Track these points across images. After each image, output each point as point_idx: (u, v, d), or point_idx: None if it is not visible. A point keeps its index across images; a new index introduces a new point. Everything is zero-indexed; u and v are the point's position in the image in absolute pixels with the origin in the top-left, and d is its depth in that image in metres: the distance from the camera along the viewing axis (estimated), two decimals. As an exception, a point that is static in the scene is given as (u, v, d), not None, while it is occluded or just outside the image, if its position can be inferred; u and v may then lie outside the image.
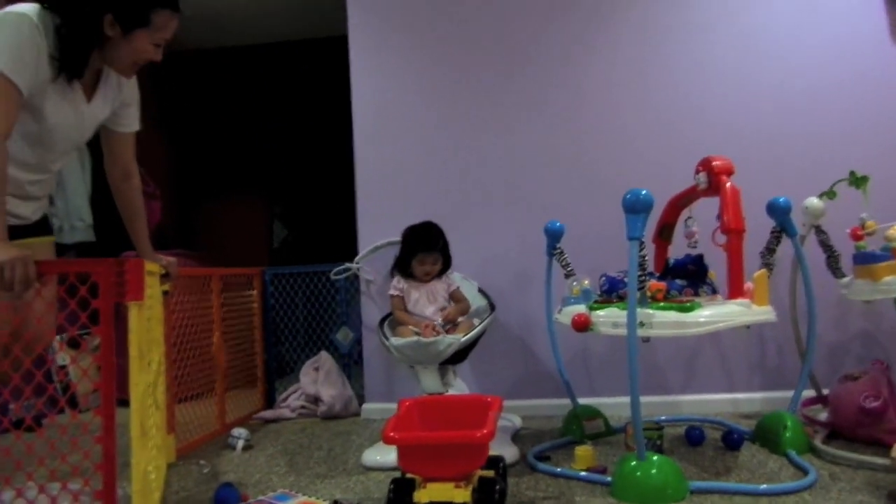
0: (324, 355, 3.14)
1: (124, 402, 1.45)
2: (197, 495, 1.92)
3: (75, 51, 1.60)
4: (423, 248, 2.38)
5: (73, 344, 3.28)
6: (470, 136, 2.92)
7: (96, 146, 3.46)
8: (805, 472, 1.82)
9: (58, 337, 2.85)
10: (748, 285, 1.91)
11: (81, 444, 1.51)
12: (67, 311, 1.54)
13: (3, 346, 1.59)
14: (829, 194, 2.30)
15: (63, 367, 3.21)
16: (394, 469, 1.93)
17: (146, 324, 1.55)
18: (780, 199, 2.03)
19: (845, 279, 2.20)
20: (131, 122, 1.91)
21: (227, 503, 1.76)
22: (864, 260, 2.08)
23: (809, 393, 2.44)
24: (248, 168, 5.08)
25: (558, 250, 2.36)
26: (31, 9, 1.56)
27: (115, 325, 1.43)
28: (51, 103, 1.63)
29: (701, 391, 2.75)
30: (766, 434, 2.15)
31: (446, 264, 2.44)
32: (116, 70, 1.73)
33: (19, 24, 1.52)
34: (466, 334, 2.18)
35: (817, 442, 2.06)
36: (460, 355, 2.22)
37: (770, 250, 2.03)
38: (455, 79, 2.94)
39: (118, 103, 1.84)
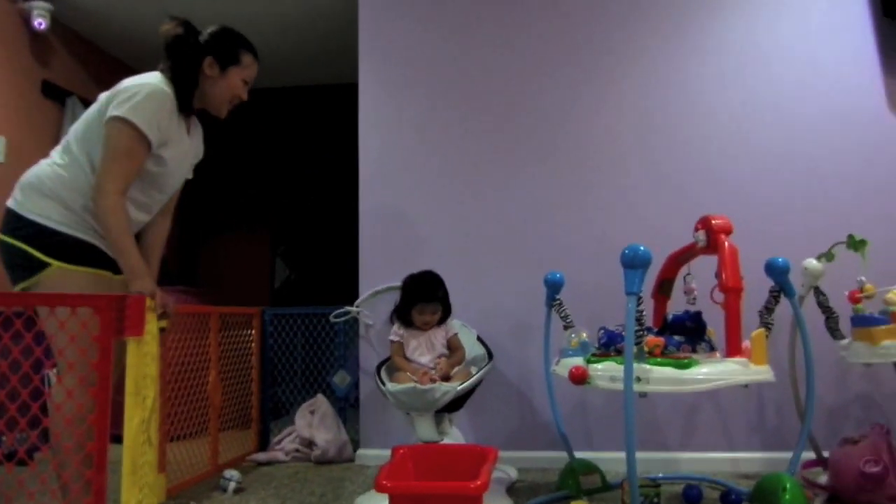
0: (320, 398, 3.12)
1: (117, 439, 1.44)
2: (184, 537, 1.89)
3: (185, 86, 1.89)
4: (423, 298, 2.40)
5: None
6: (473, 186, 2.96)
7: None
8: (803, 536, 1.79)
9: (53, 370, 2.84)
10: (746, 344, 1.91)
11: (72, 480, 1.50)
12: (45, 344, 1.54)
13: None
14: (828, 256, 2.32)
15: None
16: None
17: (143, 359, 1.55)
18: (779, 260, 2.04)
19: (844, 341, 2.20)
20: (190, 171, 2.09)
21: (215, 547, 1.73)
22: (862, 323, 2.08)
23: (809, 455, 2.42)
24: (254, 207, 5.14)
25: (558, 301, 2.37)
26: (157, 75, 1.86)
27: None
28: (171, 148, 1.86)
29: (700, 449, 2.72)
30: (765, 495, 2.11)
31: (446, 313, 2.45)
32: (213, 109, 1.99)
33: (155, 86, 1.80)
34: (463, 383, 2.18)
35: (816, 505, 2.03)
36: (457, 404, 2.22)
37: (768, 310, 2.04)
38: (460, 130, 3.00)
39: (197, 144, 2.07)
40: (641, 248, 1.75)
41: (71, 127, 1.89)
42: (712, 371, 1.79)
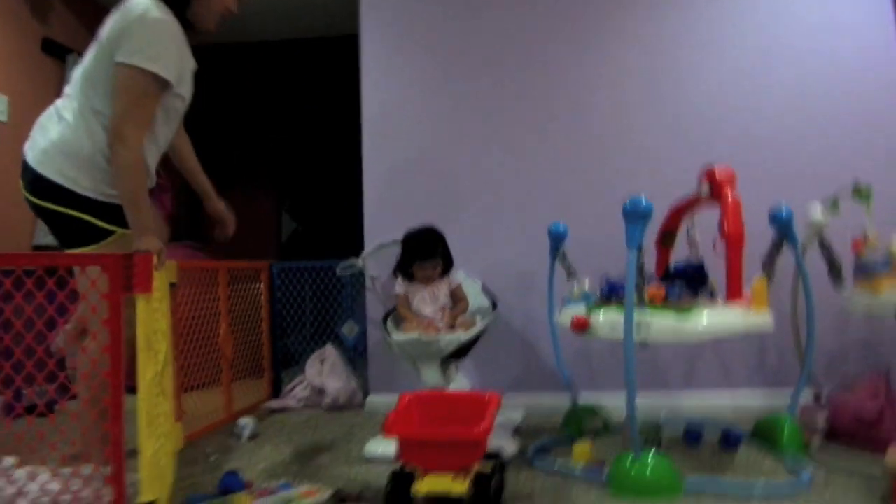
0: (329, 348, 3.19)
1: (133, 390, 1.50)
2: (203, 482, 1.97)
3: (178, 5, 1.79)
4: (423, 256, 2.40)
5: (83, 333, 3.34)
6: (477, 136, 2.94)
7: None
8: (800, 473, 1.85)
9: (66, 327, 2.90)
10: (747, 292, 1.93)
11: (92, 431, 1.57)
12: (78, 302, 1.59)
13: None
14: (832, 206, 2.30)
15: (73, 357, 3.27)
16: (395, 461, 1.98)
17: (153, 314, 1.60)
18: (782, 209, 2.04)
19: (846, 289, 2.21)
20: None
21: (232, 491, 1.81)
22: (865, 272, 2.09)
23: (809, 396, 2.46)
24: (259, 162, 5.14)
25: (561, 252, 2.39)
26: (154, 3, 1.74)
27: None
28: (185, 80, 1.83)
29: (701, 388, 2.77)
30: (764, 435, 2.17)
31: (447, 266, 2.46)
32: (203, 24, 1.90)
33: (164, 27, 1.73)
34: (467, 332, 2.22)
35: (814, 445, 2.08)
36: (461, 352, 2.26)
37: (771, 259, 2.05)
38: (463, 79, 2.96)
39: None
40: (643, 200, 1.76)
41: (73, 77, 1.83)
42: (712, 322, 1.81)
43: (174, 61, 1.76)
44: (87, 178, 1.77)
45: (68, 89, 1.87)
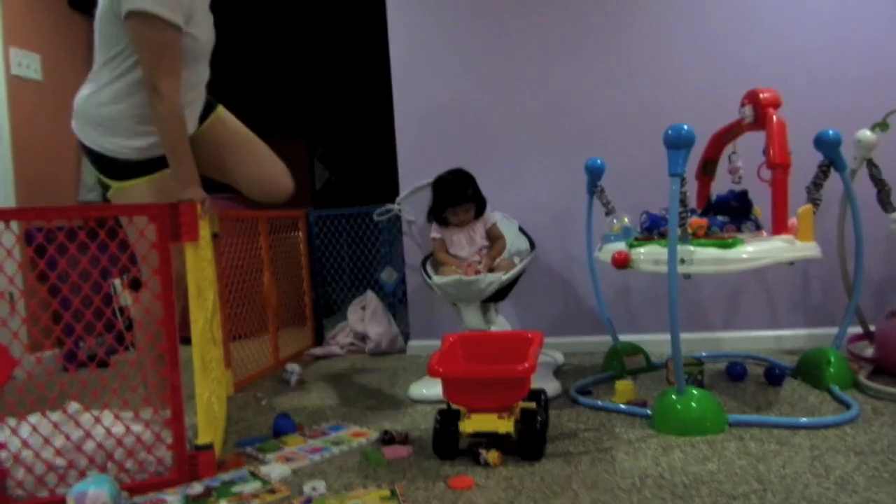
0: (369, 294, 3.24)
1: (183, 341, 1.54)
2: (256, 425, 2.04)
3: None
4: (454, 201, 2.38)
5: (135, 285, 3.44)
6: (509, 73, 2.88)
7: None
8: (847, 406, 1.83)
9: (120, 278, 2.99)
10: (792, 221, 1.88)
11: (150, 377, 1.63)
12: (128, 252, 1.63)
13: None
14: (882, 126, 2.22)
15: (126, 306, 3.38)
16: (439, 402, 2.02)
17: (201, 263, 1.63)
18: (829, 132, 1.97)
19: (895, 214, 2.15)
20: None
21: (285, 432, 1.87)
22: (916, 194, 2.02)
23: (856, 330, 2.43)
24: (289, 111, 5.12)
25: (599, 188, 2.36)
26: None
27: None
28: (195, 19, 1.77)
29: (744, 328, 2.75)
30: (809, 369, 2.15)
31: (480, 208, 2.43)
32: None
33: None
34: (507, 273, 2.22)
35: (862, 377, 2.06)
36: (501, 293, 2.27)
37: (817, 185, 1.99)
38: (494, 15, 2.88)
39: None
40: (685, 126, 1.71)
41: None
42: (757, 250, 1.78)
43: (177, 3, 1.69)
44: (111, 139, 1.81)
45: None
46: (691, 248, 1.79)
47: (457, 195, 2.38)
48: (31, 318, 1.85)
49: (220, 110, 2.07)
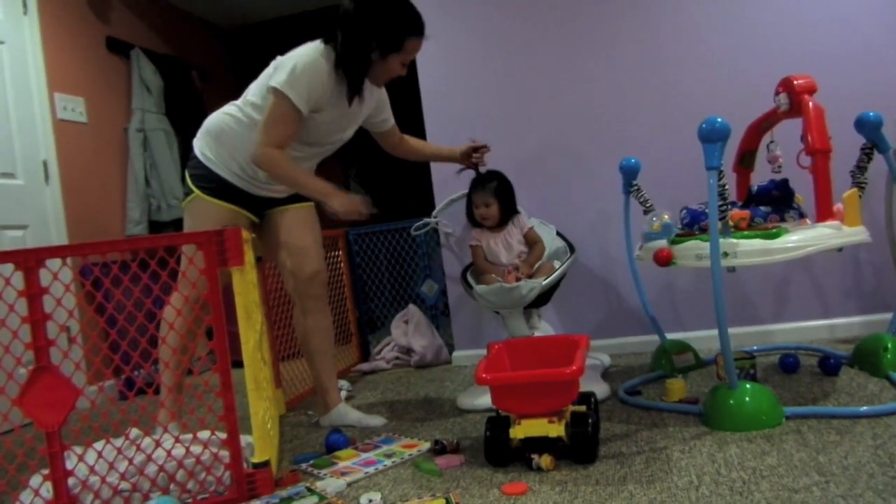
0: (412, 308, 3.26)
1: (234, 364, 1.58)
2: (309, 442, 2.07)
3: (355, 73, 1.99)
4: (475, 189, 2.38)
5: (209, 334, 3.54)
6: (538, 78, 2.89)
7: (181, 129, 3.63)
8: (908, 392, 1.78)
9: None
10: (838, 207, 1.85)
11: (205, 400, 1.68)
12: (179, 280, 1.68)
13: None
14: (926, 103, 2.16)
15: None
16: (487, 411, 2.03)
17: (248, 287, 1.67)
18: (870, 114, 1.93)
19: (946, 192, 2.08)
20: (388, 119, 2.32)
21: (338, 447, 1.90)
22: (966, 170, 1.96)
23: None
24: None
25: (635, 187, 2.34)
26: (319, 46, 1.99)
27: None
28: (325, 113, 2.02)
29: (794, 319, 2.69)
30: (866, 357, 2.10)
31: (507, 208, 2.39)
32: (371, 82, 2.08)
33: (313, 60, 1.95)
34: (547, 278, 2.22)
35: (922, 362, 2.00)
36: (543, 298, 2.27)
37: (861, 168, 1.95)
38: (524, 18, 2.89)
39: (373, 105, 2.20)
40: (719, 119, 1.70)
41: (252, 84, 2.08)
42: (803, 238, 1.75)
43: (306, 95, 1.94)
44: (212, 146, 2.07)
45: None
46: (734, 240, 1.76)
47: (479, 182, 2.38)
48: (91, 349, 1.93)
49: (311, 206, 2.26)
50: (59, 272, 1.52)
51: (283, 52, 2.04)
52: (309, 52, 1.97)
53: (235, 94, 2.13)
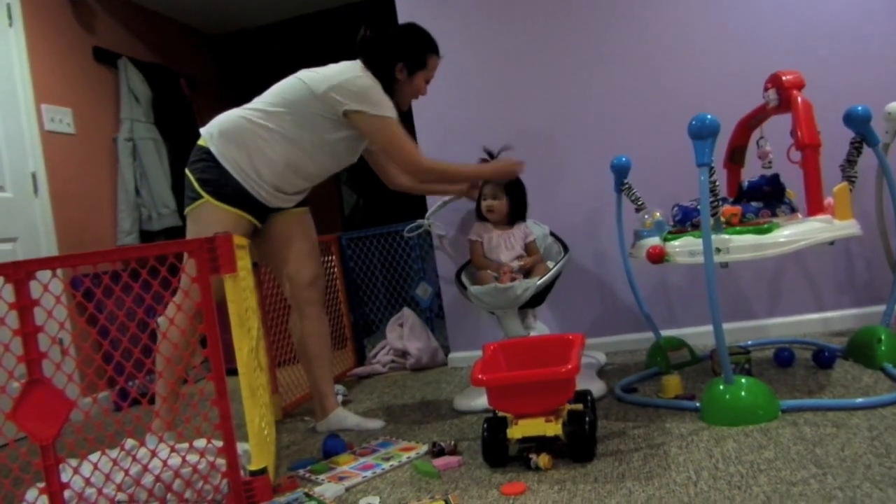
0: (406, 311, 3.26)
1: (230, 372, 1.57)
2: (306, 447, 2.06)
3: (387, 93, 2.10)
4: (487, 180, 2.39)
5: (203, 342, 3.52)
6: (528, 78, 2.89)
7: (171, 138, 3.61)
8: (903, 383, 1.79)
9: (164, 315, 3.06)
10: (828, 200, 1.85)
11: (200, 408, 1.67)
12: (171, 289, 1.67)
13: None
14: (913, 95, 2.18)
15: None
16: (484, 412, 2.03)
17: (242, 293, 1.66)
18: (859, 108, 1.94)
19: (935, 183, 2.09)
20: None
21: (335, 451, 1.89)
22: (954, 161, 1.97)
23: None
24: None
25: (626, 185, 2.35)
26: (361, 65, 2.10)
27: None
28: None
29: (788, 313, 2.70)
30: (860, 349, 2.11)
31: (516, 208, 2.42)
32: (398, 103, 2.17)
33: (372, 80, 2.07)
34: (542, 277, 2.22)
35: (914, 353, 2.00)
36: (538, 298, 2.27)
37: (850, 162, 1.96)
38: (507, 20, 2.90)
39: None
40: (708, 116, 1.71)
41: (274, 93, 2.10)
42: (795, 232, 1.76)
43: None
44: (229, 148, 2.05)
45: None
46: (727, 236, 1.77)
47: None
48: (83, 360, 1.92)
49: (306, 210, 2.29)
50: (50, 283, 1.51)
51: (270, 57, 2.04)
52: (361, 73, 2.07)
53: (224, 100, 2.13)
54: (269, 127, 2.04)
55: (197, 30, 4.67)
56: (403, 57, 2.13)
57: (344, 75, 2.05)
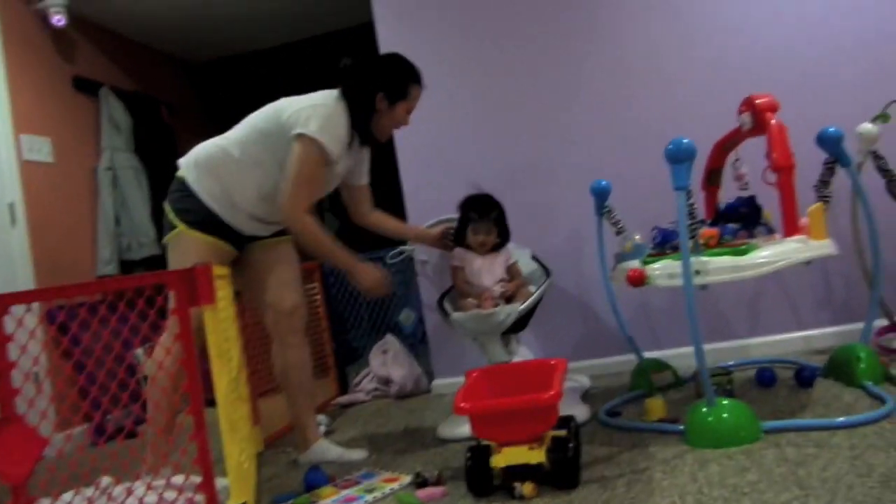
0: (389, 338, 3.24)
1: (211, 403, 1.55)
2: (287, 480, 2.03)
3: (364, 125, 2.08)
4: (476, 215, 2.38)
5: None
6: (508, 105, 2.92)
7: (152, 166, 3.60)
8: (883, 401, 1.80)
9: (142, 347, 3.02)
10: (804, 221, 1.88)
11: (178, 443, 1.64)
12: (149, 321, 1.65)
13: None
14: (883, 117, 2.23)
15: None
16: (469, 439, 2.00)
17: (222, 324, 1.65)
18: (830, 129, 1.98)
19: (908, 202, 2.13)
20: (362, 177, 2.34)
21: (317, 484, 1.86)
22: (925, 180, 2.01)
23: (882, 322, 2.39)
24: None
25: (607, 209, 2.36)
26: (335, 95, 2.07)
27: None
28: (337, 165, 2.06)
29: (769, 333, 2.72)
30: (840, 367, 2.12)
31: (503, 237, 2.43)
32: (378, 134, 2.17)
33: (337, 108, 2.02)
34: (524, 303, 2.22)
35: (894, 370, 2.02)
36: (521, 323, 2.27)
37: (824, 182, 1.99)
38: (487, 47, 2.94)
39: (357, 160, 2.24)
40: (685, 140, 1.73)
41: (248, 121, 2.09)
42: (772, 253, 1.78)
43: (338, 142, 2.02)
44: (204, 179, 2.03)
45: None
46: (705, 258, 1.78)
47: (479, 209, 2.37)
48: (57, 396, 1.88)
49: (289, 238, 2.26)
50: (24, 317, 1.48)
51: (251, 85, 2.04)
52: (330, 101, 2.03)
53: (205, 127, 2.12)
54: (242, 156, 2.03)
55: (178, 58, 4.68)
56: (384, 86, 2.09)
57: (311, 101, 2.03)
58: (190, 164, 2.06)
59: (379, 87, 2.09)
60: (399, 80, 2.12)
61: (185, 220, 2.02)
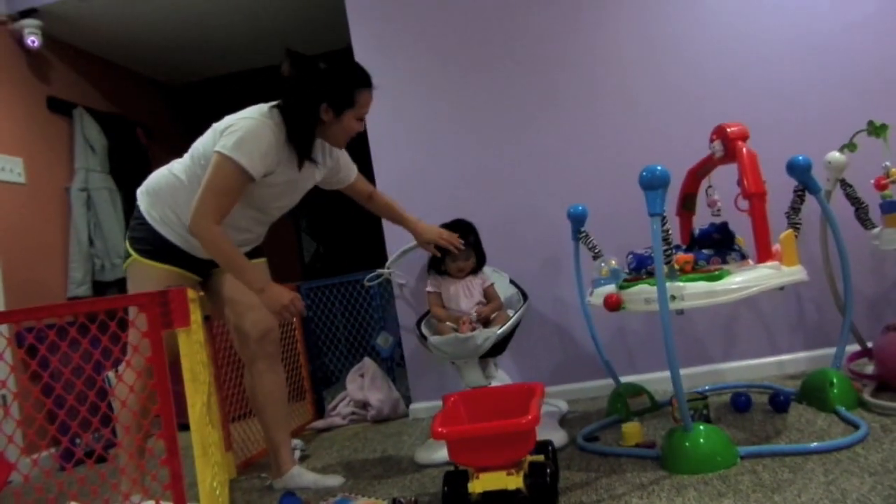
0: (367, 361, 3.21)
1: (182, 427, 1.52)
2: (261, 507, 1.99)
3: (304, 138, 1.96)
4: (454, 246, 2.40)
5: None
6: (485, 131, 2.95)
7: (126, 187, 3.57)
8: (856, 426, 1.82)
9: (113, 370, 2.96)
10: (776, 247, 1.91)
11: (149, 467, 1.60)
12: (121, 344, 1.62)
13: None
14: (850, 146, 2.29)
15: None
16: (447, 464, 1.99)
17: (194, 347, 1.62)
18: (799, 158, 2.02)
19: (875, 230, 2.18)
20: (350, 173, 2.30)
21: (291, 511, 1.83)
22: (891, 209, 2.07)
23: (854, 348, 2.43)
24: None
25: (583, 233, 2.38)
26: (263, 109, 1.94)
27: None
28: (273, 177, 1.96)
29: (743, 357, 2.74)
30: (813, 393, 2.14)
31: (480, 261, 2.46)
32: (332, 144, 2.08)
33: (260, 126, 1.89)
34: (502, 327, 2.22)
35: (866, 395, 2.05)
36: (499, 347, 2.26)
37: (795, 210, 2.03)
38: (463, 73, 2.97)
39: (330, 166, 2.18)
40: (658, 167, 1.76)
41: (194, 144, 2.02)
42: (745, 279, 1.80)
43: (258, 159, 1.89)
44: (154, 204, 2.02)
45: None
46: (680, 283, 1.80)
47: (459, 234, 2.40)
48: (25, 419, 1.83)
49: (262, 261, 2.25)
50: (-8, 340, 1.45)
51: (228, 108, 2.03)
52: (253, 116, 1.92)
53: (181, 149, 2.10)
54: (189, 181, 1.98)
55: (156, 80, 4.66)
56: (328, 97, 1.92)
57: (238, 117, 1.93)
58: (143, 193, 2.05)
59: (322, 98, 1.92)
60: (344, 87, 1.93)
61: (136, 249, 2.01)
